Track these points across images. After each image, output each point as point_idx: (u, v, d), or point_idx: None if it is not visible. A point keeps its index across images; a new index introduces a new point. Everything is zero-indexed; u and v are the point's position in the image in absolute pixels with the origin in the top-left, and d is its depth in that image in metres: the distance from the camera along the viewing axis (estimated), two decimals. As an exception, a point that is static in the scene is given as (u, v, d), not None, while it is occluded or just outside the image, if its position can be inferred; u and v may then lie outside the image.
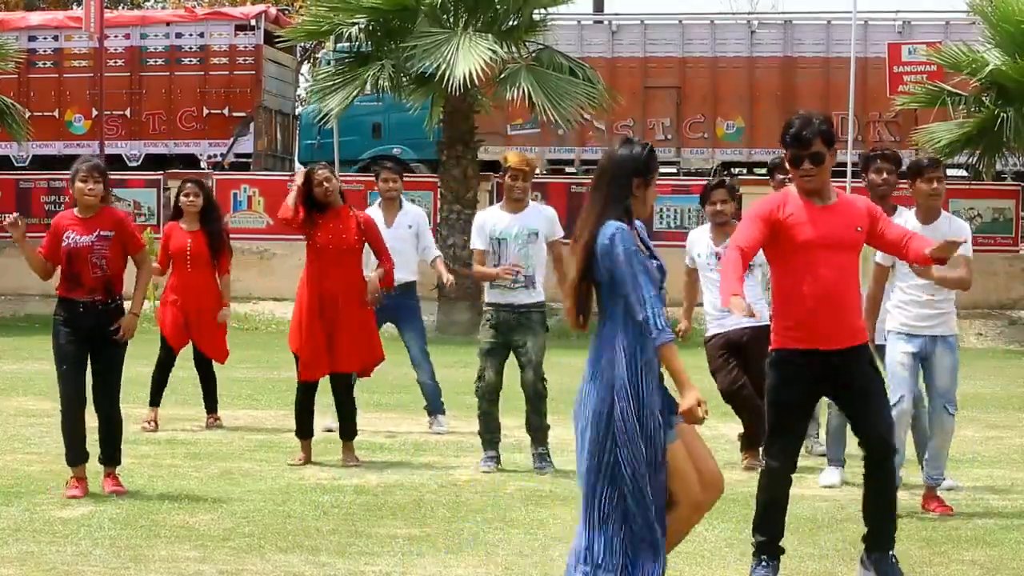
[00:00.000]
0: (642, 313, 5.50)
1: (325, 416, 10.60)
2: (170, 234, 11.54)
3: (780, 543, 6.51)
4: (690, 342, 9.38)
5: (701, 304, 10.09)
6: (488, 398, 9.48)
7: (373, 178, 11.92)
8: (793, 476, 6.57)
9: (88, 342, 8.32)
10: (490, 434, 9.56)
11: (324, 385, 9.82)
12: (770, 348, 6.55)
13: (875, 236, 6.53)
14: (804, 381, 6.41)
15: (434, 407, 11.49)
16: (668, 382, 5.68)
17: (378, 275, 9.80)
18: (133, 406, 11.76)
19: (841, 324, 6.34)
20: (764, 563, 6.43)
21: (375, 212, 11.22)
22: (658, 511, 5.57)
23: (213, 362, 11.69)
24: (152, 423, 11.22)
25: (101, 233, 8.34)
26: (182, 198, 11.47)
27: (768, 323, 9.83)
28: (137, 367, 11.66)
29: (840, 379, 6.41)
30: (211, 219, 11.50)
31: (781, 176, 9.77)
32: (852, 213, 6.42)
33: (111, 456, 8.54)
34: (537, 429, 9.55)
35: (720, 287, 6.31)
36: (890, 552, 6.46)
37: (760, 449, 9.68)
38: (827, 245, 6.30)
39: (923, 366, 8.22)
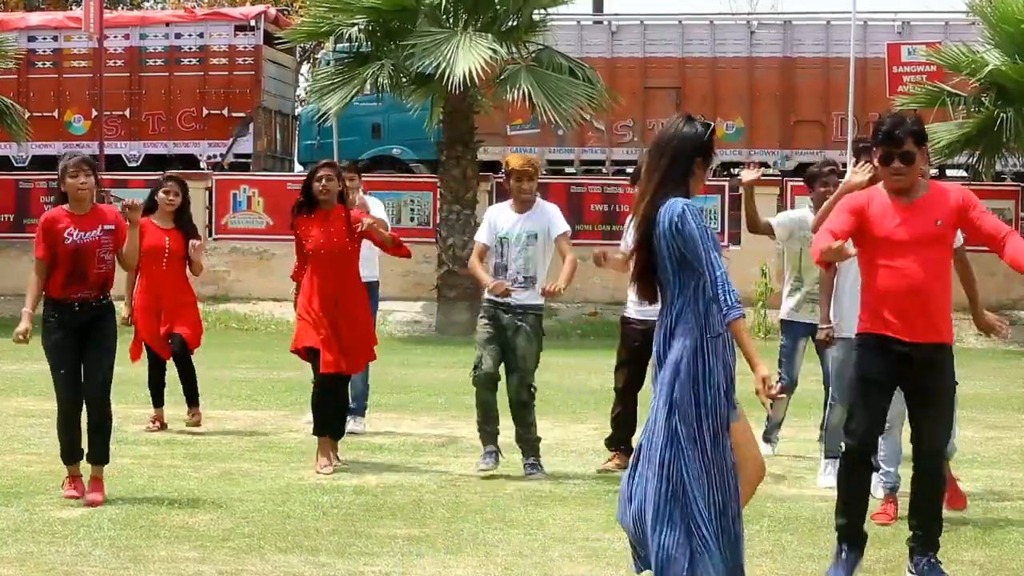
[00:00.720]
0: (714, 289, 5.54)
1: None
2: (143, 231, 10.41)
3: (862, 528, 6.53)
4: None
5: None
6: (486, 386, 9.28)
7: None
8: (866, 467, 6.58)
9: (82, 339, 8.25)
10: (489, 426, 9.34)
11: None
12: (856, 331, 6.61)
13: (967, 225, 6.54)
14: (883, 361, 6.44)
15: (359, 406, 11.15)
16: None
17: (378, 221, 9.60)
18: (132, 406, 11.80)
19: (922, 318, 6.40)
20: (842, 553, 6.48)
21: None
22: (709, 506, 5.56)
23: (192, 359, 11.36)
24: (157, 422, 11.21)
25: (105, 228, 8.28)
26: (161, 194, 11.15)
27: None
28: (134, 367, 11.64)
29: (914, 376, 6.47)
30: (185, 219, 11.27)
31: (823, 190, 9.35)
32: (936, 206, 6.45)
33: (101, 454, 8.30)
34: (526, 442, 9.41)
35: (815, 245, 6.38)
36: (931, 554, 6.50)
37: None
38: (906, 241, 6.38)
39: None
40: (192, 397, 11.34)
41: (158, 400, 11.33)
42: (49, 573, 6.52)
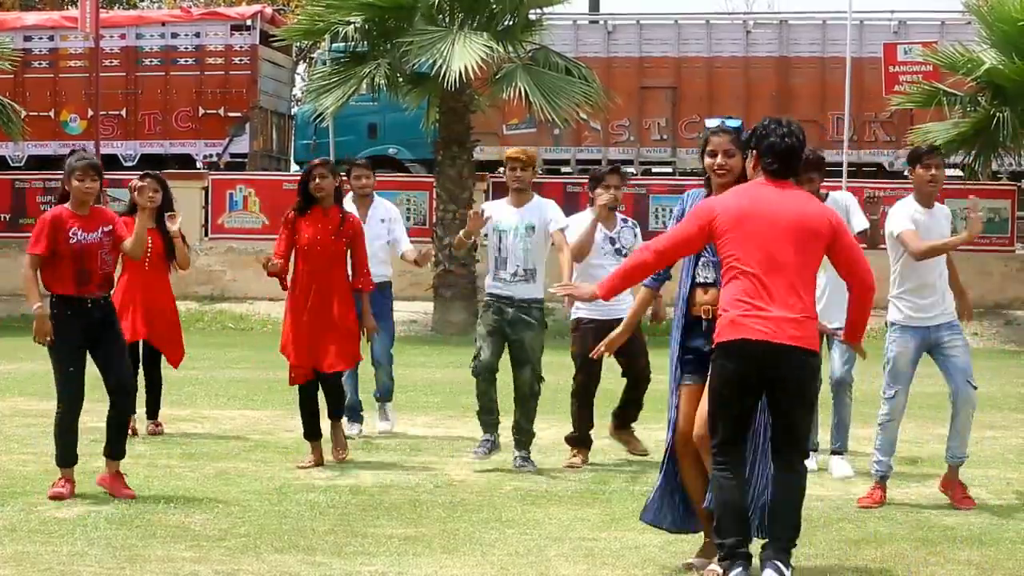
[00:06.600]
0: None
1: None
2: (128, 228, 9.94)
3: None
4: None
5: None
6: (484, 377, 9.36)
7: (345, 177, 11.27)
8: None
9: (90, 341, 8.28)
10: (488, 415, 9.46)
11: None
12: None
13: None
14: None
15: (385, 395, 11.20)
16: None
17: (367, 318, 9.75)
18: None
19: None
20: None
21: (348, 207, 10.73)
22: None
23: (162, 365, 11.07)
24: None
25: (104, 229, 8.36)
26: (138, 195, 10.40)
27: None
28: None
29: None
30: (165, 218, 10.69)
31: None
32: None
33: (121, 450, 8.38)
34: (524, 432, 9.49)
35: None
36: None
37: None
38: None
39: (933, 355, 8.34)
40: (154, 408, 11.00)
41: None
42: (45, 573, 6.52)
